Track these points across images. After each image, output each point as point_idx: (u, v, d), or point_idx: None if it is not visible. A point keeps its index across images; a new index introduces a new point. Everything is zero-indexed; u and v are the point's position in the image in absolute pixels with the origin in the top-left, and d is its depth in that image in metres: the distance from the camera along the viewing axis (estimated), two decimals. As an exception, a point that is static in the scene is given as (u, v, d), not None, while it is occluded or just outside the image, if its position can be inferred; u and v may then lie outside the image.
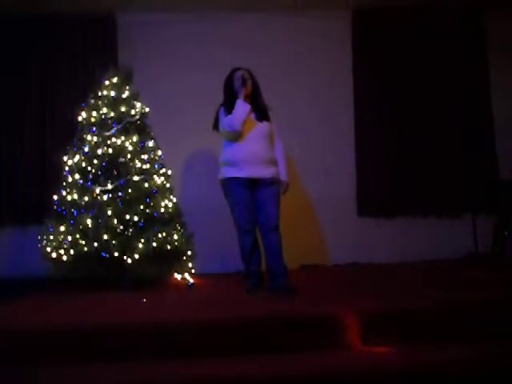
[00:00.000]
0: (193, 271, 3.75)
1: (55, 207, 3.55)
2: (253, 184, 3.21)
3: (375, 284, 3.49)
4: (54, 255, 3.37)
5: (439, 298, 2.76)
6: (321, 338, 2.41)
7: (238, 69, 3.32)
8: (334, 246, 4.66)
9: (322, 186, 4.66)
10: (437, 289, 3.09)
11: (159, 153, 3.79)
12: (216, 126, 3.34)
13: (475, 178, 4.73)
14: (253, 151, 3.18)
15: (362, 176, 4.76)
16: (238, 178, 3.18)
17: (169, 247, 3.49)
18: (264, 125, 3.26)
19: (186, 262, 3.69)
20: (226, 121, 3.19)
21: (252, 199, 3.23)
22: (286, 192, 3.40)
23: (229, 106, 3.22)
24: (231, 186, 3.23)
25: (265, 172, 3.20)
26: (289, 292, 2.99)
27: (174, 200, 3.72)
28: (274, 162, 3.29)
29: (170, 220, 3.59)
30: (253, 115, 3.25)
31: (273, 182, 3.25)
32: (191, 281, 3.65)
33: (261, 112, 3.29)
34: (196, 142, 4.52)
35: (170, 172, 3.82)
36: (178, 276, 3.72)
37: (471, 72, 4.85)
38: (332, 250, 4.67)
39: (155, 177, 3.64)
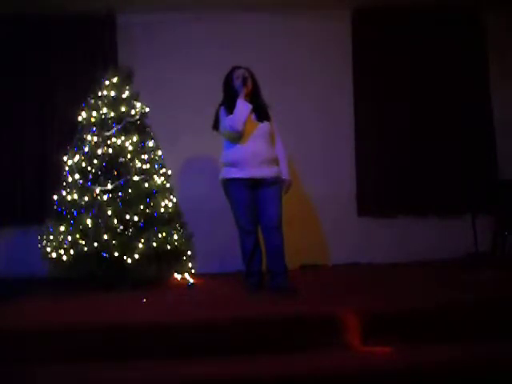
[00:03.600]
0: (193, 271, 3.76)
1: (55, 207, 3.56)
2: (254, 184, 3.18)
3: (375, 284, 3.48)
4: (54, 255, 3.38)
5: (439, 297, 2.76)
6: (321, 338, 2.40)
7: (238, 67, 3.28)
8: (334, 246, 4.67)
9: (322, 186, 4.66)
10: (437, 289, 3.09)
11: (159, 153, 3.80)
12: (216, 126, 3.30)
13: (475, 177, 4.73)
14: (254, 151, 3.15)
15: (362, 176, 4.76)
16: (239, 178, 3.15)
17: (169, 247, 3.49)
18: (265, 125, 3.24)
19: (186, 262, 3.70)
20: (227, 121, 3.15)
21: (254, 199, 3.21)
22: (289, 190, 3.39)
23: (229, 105, 3.18)
24: (233, 186, 3.20)
25: (267, 172, 3.18)
26: (289, 292, 3.00)
27: (174, 200, 3.73)
28: (275, 162, 3.26)
29: (169, 220, 3.60)
30: (253, 115, 3.22)
31: (275, 181, 3.22)
32: (191, 281, 3.65)
33: (261, 112, 3.26)
34: (196, 142, 4.51)
35: (169, 172, 3.83)
36: (178, 276, 3.72)
37: (471, 72, 4.85)
38: (332, 249, 4.67)
39: (155, 177, 3.65)
